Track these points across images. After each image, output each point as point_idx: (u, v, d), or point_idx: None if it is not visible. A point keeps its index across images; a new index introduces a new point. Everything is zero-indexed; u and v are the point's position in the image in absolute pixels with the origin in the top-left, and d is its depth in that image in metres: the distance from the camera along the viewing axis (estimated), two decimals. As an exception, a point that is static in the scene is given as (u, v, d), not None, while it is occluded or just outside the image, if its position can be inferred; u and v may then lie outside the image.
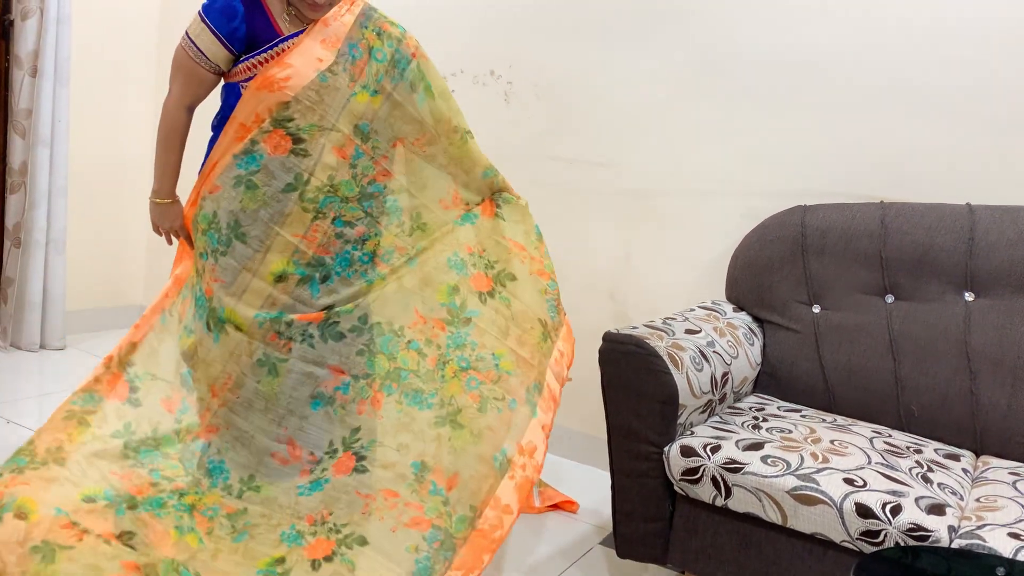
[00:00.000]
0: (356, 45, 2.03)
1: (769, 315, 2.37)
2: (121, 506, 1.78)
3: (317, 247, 2.04)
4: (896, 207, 2.26)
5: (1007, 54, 2.25)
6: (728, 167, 2.64)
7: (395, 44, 2.08)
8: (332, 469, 1.95)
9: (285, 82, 1.97)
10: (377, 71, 2.05)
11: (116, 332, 3.80)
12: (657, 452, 1.94)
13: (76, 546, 1.66)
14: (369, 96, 2.05)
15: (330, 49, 2.00)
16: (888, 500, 1.69)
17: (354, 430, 1.99)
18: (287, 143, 2.01)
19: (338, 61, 2.01)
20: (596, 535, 2.42)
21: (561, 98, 2.90)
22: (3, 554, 1.64)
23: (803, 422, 2.07)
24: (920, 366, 2.15)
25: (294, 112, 1.99)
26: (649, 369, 1.94)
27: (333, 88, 2.00)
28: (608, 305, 2.87)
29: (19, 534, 1.66)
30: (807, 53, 2.49)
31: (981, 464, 2.02)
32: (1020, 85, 2.24)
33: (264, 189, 2.02)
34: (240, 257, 2.03)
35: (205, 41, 2.01)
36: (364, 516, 1.87)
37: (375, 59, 2.04)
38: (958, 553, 1.56)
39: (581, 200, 2.89)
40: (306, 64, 1.98)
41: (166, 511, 1.82)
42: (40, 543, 1.65)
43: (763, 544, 1.84)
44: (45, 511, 1.70)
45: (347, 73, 2.02)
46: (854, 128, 2.44)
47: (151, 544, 1.74)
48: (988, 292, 2.13)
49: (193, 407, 2.03)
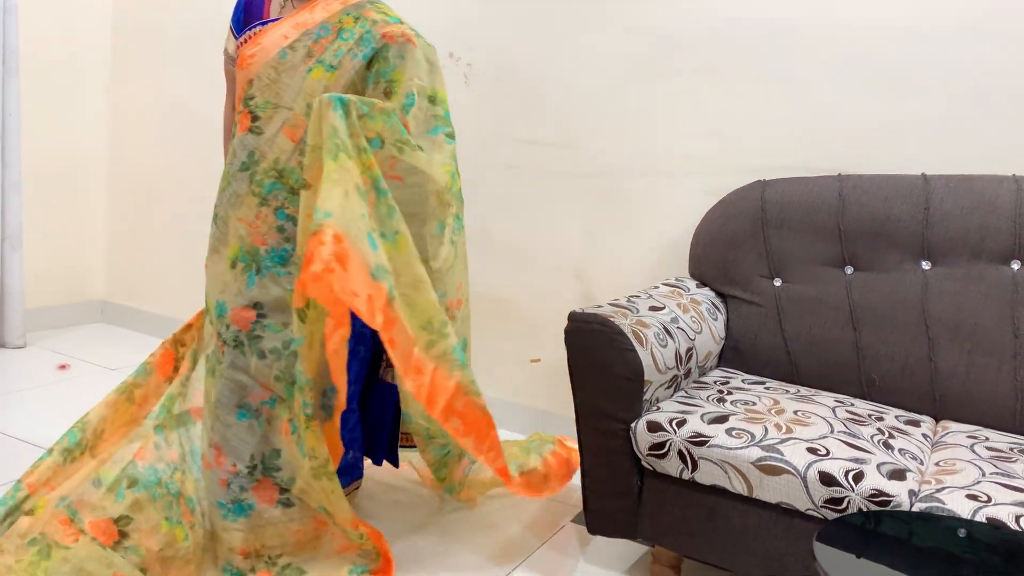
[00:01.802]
0: (327, 27, 1.98)
1: (732, 290, 2.40)
2: (122, 488, 1.80)
3: (257, 236, 1.96)
4: (853, 179, 2.28)
5: (959, 27, 2.28)
6: (689, 144, 2.65)
7: (367, 25, 1.97)
8: (253, 493, 1.91)
9: (251, 59, 1.97)
10: (338, 47, 1.96)
11: (78, 329, 3.76)
12: (624, 428, 1.95)
13: (71, 547, 1.70)
14: (324, 71, 1.94)
15: (298, 29, 1.97)
16: (851, 467, 1.72)
17: (275, 451, 1.93)
18: (248, 121, 1.99)
19: (300, 39, 1.96)
20: (568, 513, 2.44)
21: (522, 80, 2.90)
22: (2, 542, 1.72)
23: (767, 394, 2.10)
24: (880, 335, 2.19)
25: (255, 90, 1.98)
26: (614, 347, 1.95)
27: (290, 66, 1.96)
28: (574, 285, 2.88)
29: (22, 527, 1.74)
30: (763, 29, 2.51)
31: (941, 429, 2.07)
32: (971, 57, 2.27)
33: (228, 168, 2.02)
34: (213, 239, 2.05)
35: (227, 41, 2.11)
36: (297, 546, 1.92)
37: (341, 38, 1.97)
38: (918, 516, 1.59)
39: (544, 182, 2.90)
40: (272, 42, 1.97)
41: (161, 491, 1.83)
42: (38, 535, 1.72)
43: (730, 515, 1.86)
44: (50, 505, 1.77)
45: (306, 49, 1.96)
46: (811, 102, 2.46)
47: (140, 544, 1.76)
48: (944, 260, 2.16)
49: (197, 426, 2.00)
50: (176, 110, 3.61)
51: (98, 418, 2.00)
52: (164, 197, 3.69)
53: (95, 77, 3.73)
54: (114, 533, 1.76)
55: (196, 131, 3.56)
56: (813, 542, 1.39)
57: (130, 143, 3.77)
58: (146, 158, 3.73)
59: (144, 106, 3.70)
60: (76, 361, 3.34)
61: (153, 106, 3.68)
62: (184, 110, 3.60)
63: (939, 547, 1.48)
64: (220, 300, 2.00)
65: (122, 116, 3.77)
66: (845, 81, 2.41)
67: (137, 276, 3.82)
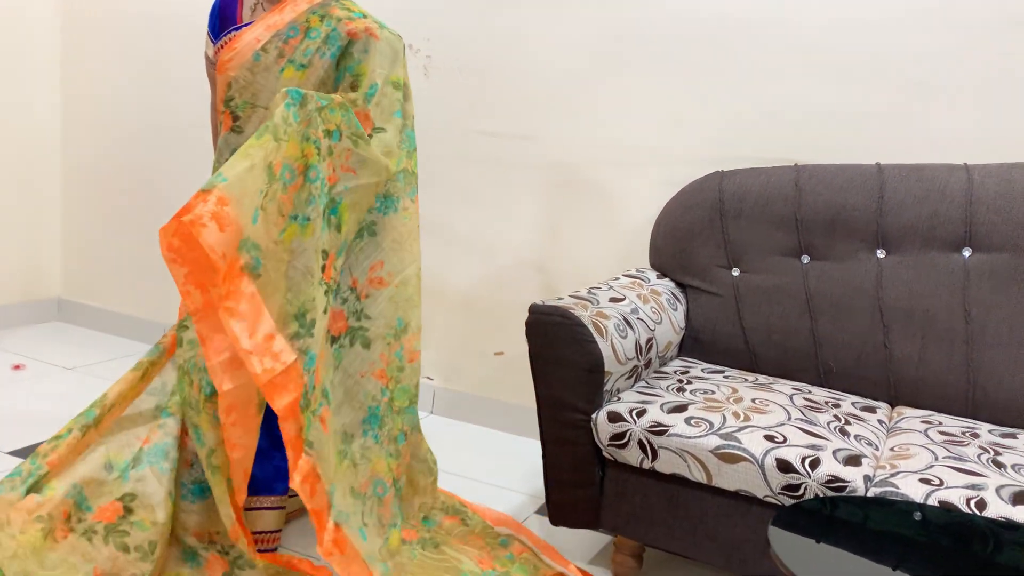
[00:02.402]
0: (296, 27, 2.01)
1: (691, 280, 2.41)
2: (128, 471, 1.86)
3: None
4: (809, 169, 2.31)
5: (910, 18, 2.31)
6: (648, 136, 2.66)
7: (333, 23, 2.01)
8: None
9: (229, 63, 2.01)
10: (307, 47, 2.00)
11: (33, 327, 3.69)
12: (585, 419, 1.96)
13: (60, 542, 1.76)
14: (295, 70, 2.00)
15: (270, 31, 2.00)
16: (807, 454, 1.75)
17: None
18: (230, 121, 2.04)
19: (272, 40, 2.00)
20: (531, 504, 2.44)
21: (482, 71, 2.89)
22: (12, 514, 1.78)
23: (726, 383, 2.12)
24: (836, 323, 2.22)
25: (234, 91, 2.03)
26: (574, 338, 1.96)
27: (264, 67, 2.00)
28: (537, 278, 2.89)
29: (31, 504, 1.79)
30: (719, 21, 2.53)
31: (896, 415, 2.10)
32: (923, 47, 2.30)
33: (216, 167, 2.04)
34: None
35: (206, 45, 2.11)
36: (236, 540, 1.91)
37: (309, 36, 2.01)
38: (873, 501, 1.62)
39: (506, 174, 2.89)
40: (246, 45, 2.00)
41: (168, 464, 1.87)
42: (45, 515, 1.77)
43: (690, 503, 1.88)
44: (61, 489, 1.81)
45: (277, 50, 2.00)
46: (768, 93, 2.49)
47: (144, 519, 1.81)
48: (898, 248, 2.20)
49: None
50: (130, 103, 3.55)
51: (115, 395, 1.97)
52: (120, 192, 3.63)
53: (47, 71, 3.65)
54: (119, 510, 1.82)
55: (151, 125, 3.51)
56: (768, 528, 1.40)
57: (84, 138, 3.70)
58: (101, 153, 3.66)
59: (98, 100, 3.63)
60: (31, 361, 3.28)
61: (107, 100, 3.61)
62: (139, 103, 3.54)
63: (892, 531, 1.51)
64: None
65: (75, 110, 3.70)
66: (800, 72, 2.44)
67: (94, 273, 3.75)
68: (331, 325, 1.93)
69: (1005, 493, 1.62)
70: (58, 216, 3.79)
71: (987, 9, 2.23)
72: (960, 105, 2.28)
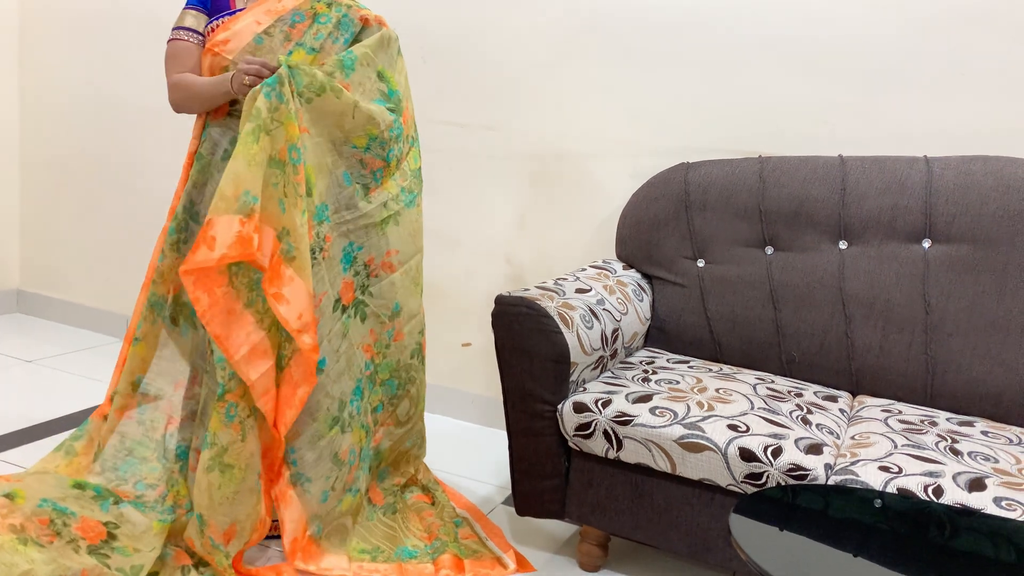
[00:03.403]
0: (301, 13, 1.99)
1: (657, 271, 2.42)
2: (108, 501, 1.92)
3: None
4: (773, 161, 2.33)
5: (871, 12, 2.33)
6: (615, 127, 2.67)
7: (343, 10, 2.02)
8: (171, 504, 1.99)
9: (224, 45, 1.96)
10: (317, 31, 1.99)
11: (-10, 319, 3.62)
12: (551, 410, 1.97)
13: (46, 547, 1.78)
14: (306, 53, 1.98)
15: (272, 16, 1.97)
16: (769, 443, 1.77)
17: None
18: (225, 107, 1.99)
19: (275, 24, 1.97)
20: (499, 495, 2.45)
21: (448, 62, 2.87)
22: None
23: (690, 373, 2.14)
24: (799, 313, 2.24)
25: None
26: (540, 329, 1.96)
27: (268, 50, 1.96)
28: (504, 269, 2.88)
29: (4, 509, 1.82)
30: (685, 11, 2.53)
31: (857, 403, 2.13)
32: (884, 40, 2.33)
33: (208, 159, 2.00)
34: (180, 234, 2.01)
35: (189, 19, 2.02)
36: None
37: (318, 22, 1.99)
38: (833, 489, 1.64)
39: (473, 165, 2.88)
40: (245, 28, 1.96)
41: (149, 508, 1.94)
42: (18, 524, 1.80)
43: (655, 492, 1.89)
44: (31, 501, 1.85)
45: (283, 34, 1.97)
46: (733, 85, 2.50)
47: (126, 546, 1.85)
48: (860, 239, 2.22)
49: (150, 405, 2.03)
50: (89, 91, 3.48)
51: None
52: (79, 182, 3.56)
53: (3, 61, 3.57)
54: (103, 534, 1.86)
55: (111, 113, 3.44)
56: (730, 516, 1.42)
57: (42, 126, 3.62)
58: (59, 141, 3.59)
59: (55, 88, 3.56)
60: (-11, 353, 3.22)
61: (65, 87, 3.54)
62: (98, 91, 3.47)
63: (852, 518, 1.53)
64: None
65: (32, 98, 3.62)
66: (763, 64, 2.45)
67: (53, 264, 3.68)
68: (343, 294, 2.02)
69: (961, 480, 1.65)
70: (16, 206, 3.71)
71: (945, 3, 2.26)
72: (919, 98, 2.31)
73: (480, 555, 2.05)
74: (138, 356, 2.03)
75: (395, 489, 2.26)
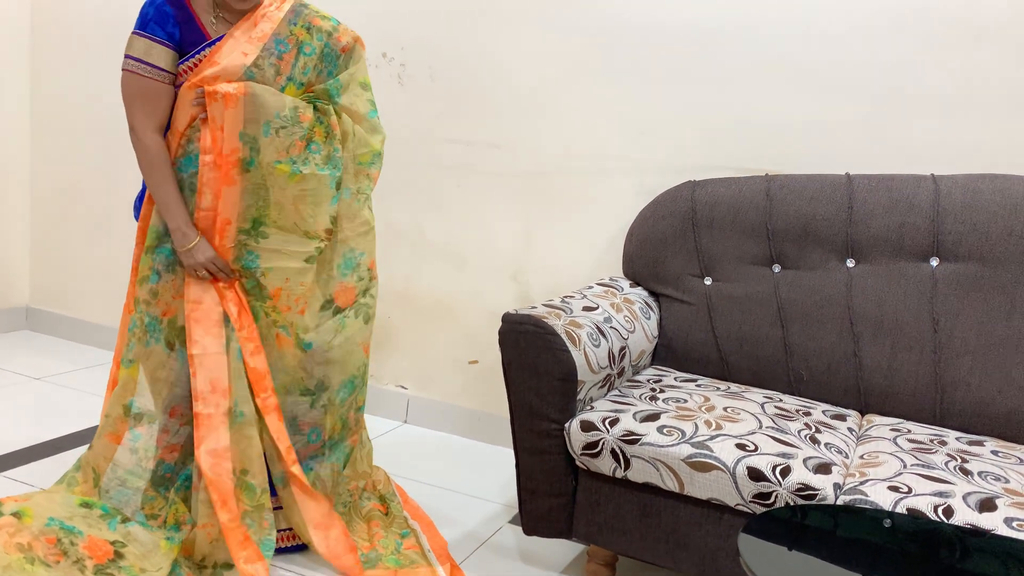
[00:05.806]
0: (283, 41, 1.98)
1: (664, 289, 2.42)
2: (115, 519, 1.94)
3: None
4: (780, 179, 2.33)
5: (879, 30, 2.34)
6: (621, 144, 2.68)
7: (324, 38, 2.03)
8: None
9: (214, 81, 1.91)
10: (304, 64, 2.00)
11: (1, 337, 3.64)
12: (558, 428, 1.96)
13: (53, 567, 1.79)
14: (296, 89, 2.00)
15: (255, 45, 1.95)
16: (778, 462, 1.76)
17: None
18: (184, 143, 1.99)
19: (263, 55, 1.95)
20: (505, 514, 2.44)
21: (456, 79, 2.89)
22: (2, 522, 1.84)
23: (698, 391, 2.13)
24: (807, 332, 2.24)
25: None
26: (547, 347, 1.96)
27: (261, 83, 1.94)
28: (511, 287, 2.89)
29: (11, 527, 1.84)
30: (692, 31, 2.55)
31: (866, 422, 2.12)
32: (891, 59, 2.33)
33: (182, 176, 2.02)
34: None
35: (155, 54, 1.92)
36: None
37: (303, 53, 2.00)
38: (842, 509, 1.63)
39: (480, 182, 2.89)
40: (233, 61, 1.93)
41: (156, 526, 1.97)
42: (25, 544, 1.81)
43: (662, 512, 1.88)
44: (39, 520, 1.87)
45: (273, 68, 1.97)
46: (740, 103, 2.51)
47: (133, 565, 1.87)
48: (867, 258, 2.22)
49: (143, 432, 2.00)
50: (99, 108, 3.50)
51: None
52: (89, 199, 3.58)
53: (14, 75, 3.60)
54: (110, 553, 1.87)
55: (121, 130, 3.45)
56: (739, 536, 1.41)
57: (52, 143, 3.65)
58: (69, 159, 3.62)
59: (66, 105, 3.59)
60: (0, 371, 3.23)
61: (75, 105, 3.57)
62: (108, 108, 3.49)
63: (861, 538, 1.52)
64: None
65: (43, 115, 3.65)
66: (771, 82, 2.46)
67: (62, 281, 3.70)
68: (338, 297, 2.11)
69: (972, 500, 1.64)
70: (26, 224, 3.74)
71: (951, 22, 2.27)
72: (927, 116, 2.31)
73: (416, 565, 2.07)
74: (131, 379, 2.00)
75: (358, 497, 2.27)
